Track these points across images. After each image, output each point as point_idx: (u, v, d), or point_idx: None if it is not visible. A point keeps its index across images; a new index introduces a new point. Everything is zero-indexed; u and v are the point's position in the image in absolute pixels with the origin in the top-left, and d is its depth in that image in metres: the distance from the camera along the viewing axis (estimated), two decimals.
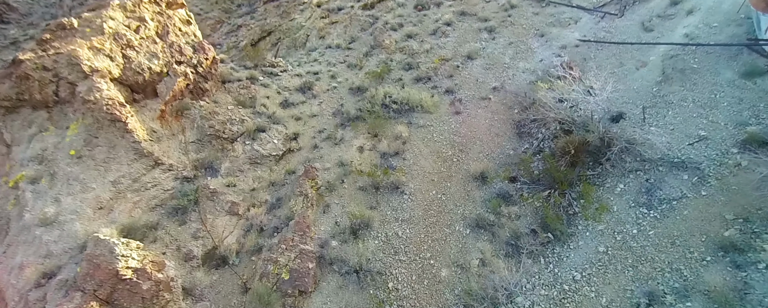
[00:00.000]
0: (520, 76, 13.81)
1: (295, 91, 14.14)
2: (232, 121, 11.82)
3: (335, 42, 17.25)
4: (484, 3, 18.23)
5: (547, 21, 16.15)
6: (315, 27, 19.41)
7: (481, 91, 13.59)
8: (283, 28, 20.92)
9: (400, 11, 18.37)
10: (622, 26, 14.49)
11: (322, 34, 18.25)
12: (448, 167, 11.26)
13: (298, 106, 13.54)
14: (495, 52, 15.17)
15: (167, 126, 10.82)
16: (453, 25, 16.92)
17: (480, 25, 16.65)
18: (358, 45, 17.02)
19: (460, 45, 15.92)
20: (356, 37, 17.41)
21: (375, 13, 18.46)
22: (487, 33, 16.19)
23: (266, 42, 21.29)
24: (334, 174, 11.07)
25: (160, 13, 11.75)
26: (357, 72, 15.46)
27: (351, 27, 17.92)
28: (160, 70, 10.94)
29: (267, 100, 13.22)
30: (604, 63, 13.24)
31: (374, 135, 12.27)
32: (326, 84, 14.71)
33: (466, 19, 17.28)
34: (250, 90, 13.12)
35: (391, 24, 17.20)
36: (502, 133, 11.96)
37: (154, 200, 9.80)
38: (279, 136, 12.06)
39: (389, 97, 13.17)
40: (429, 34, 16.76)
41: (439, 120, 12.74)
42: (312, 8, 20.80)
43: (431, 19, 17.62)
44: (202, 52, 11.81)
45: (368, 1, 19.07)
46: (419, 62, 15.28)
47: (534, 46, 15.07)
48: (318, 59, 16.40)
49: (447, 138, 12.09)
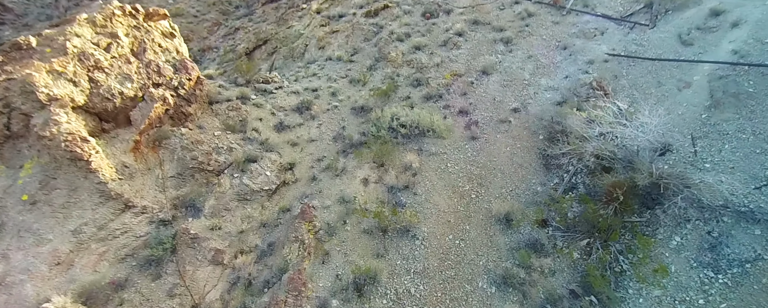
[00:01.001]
0: (543, 96, 12.33)
1: (292, 111, 12.68)
2: (218, 150, 10.37)
3: (336, 53, 15.78)
4: (498, 11, 16.74)
5: (570, 31, 14.66)
6: (314, 36, 17.94)
7: (499, 112, 12.12)
8: (279, 36, 19.46)
9: (406, 19, 16.90)
10: (656, 39, 13.01)
11: (322, 44, 16.79)
12: (466, 205, 9.79)
13: (294, 129, 12.08)
14: (513, 67, 13.69)
15: (142, 159, 9.37)
16: (465, 36, 15.44)
17: (495, 36, 15.17)
18: (361, 57, 15.55)
19: (473, 58, 14.45)
20: (359, 49, 15.94)
21: (379, 21, 16.99)
22: (503, 44, 14.71)
23: (262, 51, 19.84)
24: (334, 213, 9.62)
25: (136, 27, 10.30)
26: (360, 88, 13.99)
27: (353, 37, 16.46)
28: (135, 95, 9.49)
29: (259, 123, 11.76)
30: (638, 81, 11.76)
31: (380, 164, 10.81)
32: (326, 102, 13.25)
33: (479, 28, 15.80)
34: (241, 112, 11.66)
35: (397, 34, 15.73)
36: (527, 164, 10.49)
37: (123, 250, 8.36)
38: (272, 166, 10.60)
39: (397, 120, 11.70)
40: (439, 45, 15.28)
41: (454, 146, 11.28)
42: (311, 15, 19.34)
43: (441, 28, 16.14)
44: (184, 71, 10.36)
45: (372, 8, 17.60)
46: (429, 77, 13.81)
47: (556, 60, 13.60)
48: (317, 73, 14.94)
49: (463, 168, 10.62)
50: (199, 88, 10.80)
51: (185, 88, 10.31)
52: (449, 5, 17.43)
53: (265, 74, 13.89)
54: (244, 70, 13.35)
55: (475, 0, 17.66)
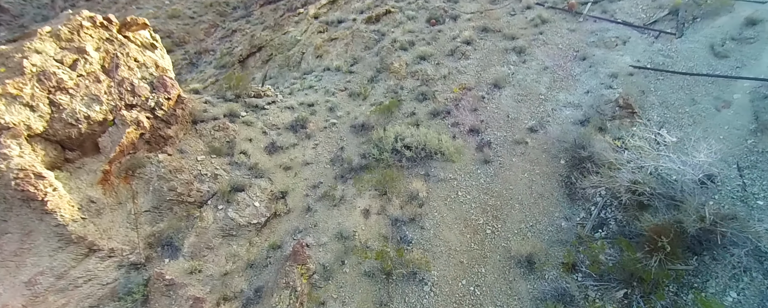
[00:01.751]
0: (563, 113, 11.18)
1: (285, 129, 11.53)
2: (201, 178, 9.23)
3: (334, 63, 14.63)
4: (509, 17, 15.58)
5: (588, 40, 13.50)
6: (311, 43, 16.80)
7: (514, 131, 10.97)
8: (274, 42, 18.32)
9: (410, 26, 15.75)
10: (685, 50, 11.84)
11: (320, 52, 15.65)
12: (481, 242, 8.65)
13: (287, 150, 10.94)
14: (527, 79, 12.53)
15: (112, 192, 8.24)
16: (474, 44, 14.28)
17: (506, 44, 14.01)
18: (361, 68, 14.40)
19: (483, 69, 13.30)
20: (359, 58, 14.79)
21: (381, 28, 15.84)
22: (516, 54, 13.55)
23: (256, 59, 18.69)
24: (331, 252, 8.48)
25: (109, 39, 9.15)
26: (360, 103, 12.84)
27: (353, 45, 15.31)
28: (104, 118, 8.35)
29: (249, 145, 10.61)
30: (669, 98, 10.60)
31: (383, 192, 9.67)
32: (323, 119, 12.10)
33: (489, 36, 14.64)
34: (228, 132, 10.52)
35: (401, 42, 14.58)
36: (548, 194, 9.34)
37: (86, 301, 7.23)
38: (262, 195, 9.46)
39: (401, 140, 10.55)
40: (445, 54, 14.13)
41: (465, 171, 10.14)
42: (308, 20, 18.19)
43: (447, 35, 14.98)
44: (162, 89, 9.22)
45: (373, 13, 16.45)
46: (435, 91, 12.65)
47: (575, 72, 12.44)
48: (314, 85, 13.79)
49: (476, 198, 9.48)
50: (180, 107, 9.66)
51: (163, 109, 9.16)
52: (456, 10, 16.28)
53: (257, 87, 12.75)
54: (234, 83, 12.23)
55: (484, 5, 16.51)
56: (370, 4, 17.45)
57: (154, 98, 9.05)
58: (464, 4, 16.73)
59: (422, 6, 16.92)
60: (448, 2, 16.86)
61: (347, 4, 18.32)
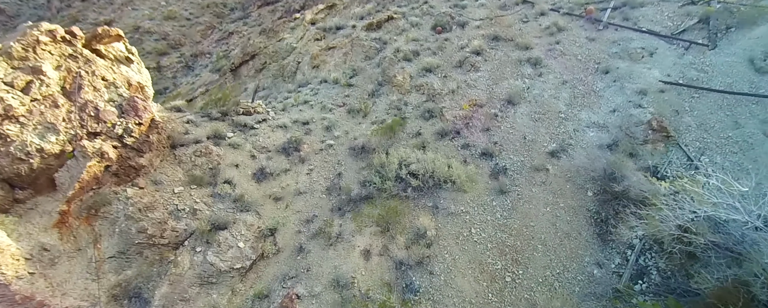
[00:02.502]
0: (586, 135, 10.00)
1: (277, 152, 10.35)
2: (177, 215, 8.05)
3: (332, 75, 13.45)
4: (521, 24, 14.39)
5: (610, 51, 12.31)
6: (307, 51, 15.62)
7: (532, 155, 9.79)
8: (269, 50, 17.13)
9: (414, 33, 14.56)
10: (721, 64, 10.66)
11: (316, 62, 14.47)
12: (500, 292, 7.47)
13: (278, 177, 9.76)
14: (544, 95, 11.35)
15: (70, 236, 7.06)
16: (484, 55, 13.10)
17: (520, 55, 12.82)
18: (361, 80, 13.21)
19: (495, 83, 12.11)
20: (359, 69, 13.60)
21: (382, 36, 14.65)
22: (531, 66, 12.36)
23: (249, 67, 17.51)
24: (326, 304, 7.31)
25: (73, 56, 7.98)
26: (360, 121, 11.66)
27: (352, 54, 14.13)
28: (61, 150, 7.17)
29: (235, 172, 9.44)
30: (708, 120, 9.42)
31: (386, 228, 8.51)
32: (319, 140, 10.92)
33: (501, 45, 13.45)
34: (211, 157, 9.35)
35: (404, 52, 13.39)
36: (575, 233, 8.15)
37: None
38: (248, 233, 8.29)
39: (406, 166, 9.38)
40: (453, 66, 12.94)
41: (478, 203, 8.96)
42: (304, 26, 17.00)
43: (455, 45, 13.79)
44: (132, 113, 8.03)
45: (374, 19, 15.26)
46: (443, 108, 11.47)
47: (598, 87, 11.25)
48: (309, 100, 12.60)
49: (492, 236, 8.30)
50: (154, 131, 8.47)
51: (133, 136, 7.98)
52: (463, 17, 15.09)
53: (247, 103, 11.57)
54: (221, 99, 11.06)
55: (493, 11, 15.32)
56: (370, 10, 16.27)
57: (123, 124, 7.86)
58: (472, 9, 15.55)
59: (427, 12, 15.74)
60: (455, 8, 15.67)
61: (346, 9, 17.15)
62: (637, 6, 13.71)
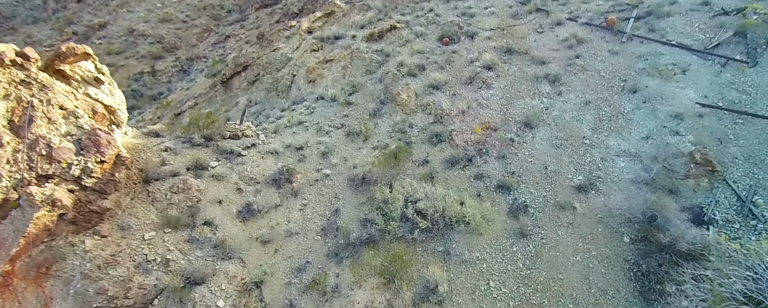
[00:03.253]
0: (616, 166, 8.83)
1: (266, 183, 9.18)
2: (146, 267, 6.88)
3: (330, 92, 12.27)
4: (536, 35, 13.21)
5: (637, 66, 11.14)
6: (303, 64, 14.45)
7: (556, 189, 8.62)
8: (262, 61, 15.95)
9: (419, 45, 13.38)
10: (765, 84, 9.50)
11: (313, 76, 13.29)
12: None
13: (267, 214, 8.59)
14: (565, 117, 10.19)
15: (15, 301, 5.90)
16: (496, 69, 11.92)
17: (536, 70, 11.65)
18: (361, 98, 12.04)
19: (510, 102, 10.94)
20: (359, 85, 12.42)
21: (385, 48, 13.48)
22: (549, 83, 11.19)
23: (241, 79, 16.33)
24: None
25: (25, 82, 6.81)
26: (361, 145, 10.49)
27: (352, 68, 12.95)
28: (4, 199, 5.99)
29: (217, 210, 8.27)
30: (756, 152, 8.25)
31: (390, 280, 7.34)
32: (314, 168, 9.76)
33: (514, 59, 12.28)
34: (190, 193, 8.18)
35: (408, 66, 12.22)
36: (612, 289, 6.98)
37: None
38: (229, 288, 7.12)
39: (412, 204, 8.21)
40: (463, 82, 11.77)
41: (496, 248, 7.79)
42: (300, 35, 15.83)
43: (464, 58, 12.62)
44: (93, 149, 6.86)
45: (375, 29, 14.09)
46: (452, 131, 10.30)
47: (626, 109, 10.08)
48: (304, 121, 11.43)
49: (514, 291, 7.13)
50: (122, 168, 7.30)
51: (95, 176, 6.81)
52: (472, 26, 13.92)
53: (234, 126, 10.39)
54: (204, 122, 9.88)
55: (505, 19, 14.15)
56: (371, 18, 15.10)
57: (81, 163, 6.69)
58: (481, 18, 14.38)
59: (433, 20, 14.57)
60: (463, 16, 14.51)
61: (346, 17, 15.98)
62: (662, 16, 12.55)
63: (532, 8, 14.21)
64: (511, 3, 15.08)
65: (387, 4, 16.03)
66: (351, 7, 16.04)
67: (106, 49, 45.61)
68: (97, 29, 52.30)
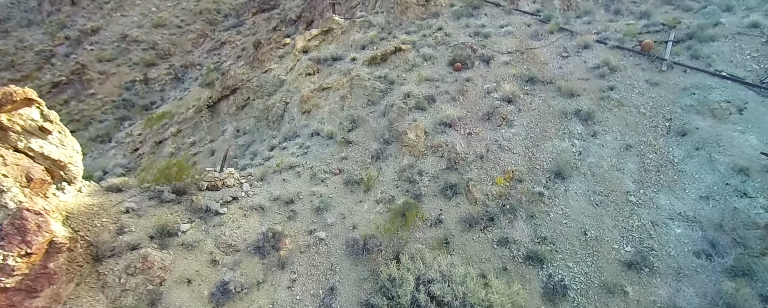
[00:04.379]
0: (672, 233, 7.28)
1: (248, 252, 7.63)
2: None
3: (326, 128, 10.71)
4: (560, 59, 11.65)
5: (682, 102, 9.58)
6: (297, 89, 12.88)
7: (600, 264, 7.07)
8: (253, 84, 14.39)
9: (427, 70, 11.83)
10: None
11: (308, 106, 11.73)
12: None
13: (247, 296, 7.03)
14: (603, 165, 8.64)
15: None
16: (517, 102, 10.37)
17: (564, 104, 10.09)
18: (362, 135, 10.47)
19: (535, 144, 9.39)
20: (360, 120, 10.86)
21: (389, 74, 11.92)
22: (580, 121, 9.63)
23: (229, 103, 14.76)
24: None
25: None
26: (361, 197, 8.94)
27: (351, 98, 11.39)
28: None
29: (185, 293, 6.71)
30: None
31: None
32: (306, 228, 8.20)
33: (538, 89, 10.72)
34: (151, 273, 6.64)
35: (416, 97, 10.67)
36: None
37: None
38: None
39: (424, 286, 6.66)
40: (480, 118, 10.21)
41: None
42: (295, 55, 14.27)
43: (479, 87, 11.06)
44: (17, 238, 5.29)
45: (378, 51, 12.54)
46: (469, 180, 8.75)
47: (675, 157, 8.53)
48: (296, 164, 9.87)
49: None
50: (58, 257, 5.74)
51: (18, 274, 5.24)
52: (487, 48, 12.36)
53: (213, 174, 8.84)
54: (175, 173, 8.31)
55: (523, 40, 12.59)
56: (373, 37, 13.53)
57: None
58: (497, 39, 12.81)
59: (441, 41, 13.00)
60: (476, 36, 12.95)
61: (345, 35, 14.42)
62: (706, 40, 10.99)
63: (553, 27, 12.65)
64: (530, 21, 13.53)
65: (390, 20, 14.48)
66: (351, 23, 14.48)
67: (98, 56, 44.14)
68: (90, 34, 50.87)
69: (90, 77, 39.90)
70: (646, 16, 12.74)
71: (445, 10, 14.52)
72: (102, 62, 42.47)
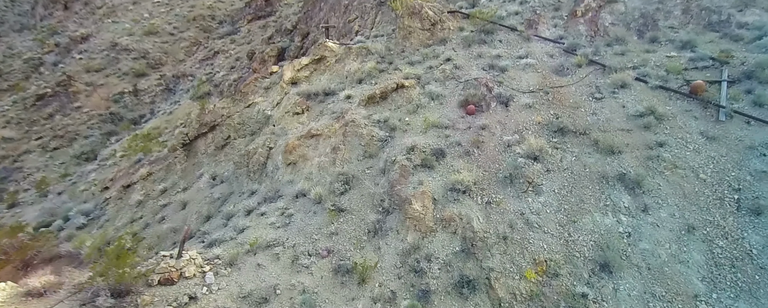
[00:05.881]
0: None
1: None
2: None
3: (314, 190, 8.88)
4: (593, 101, 9.80)
5: (750, 165, 7.73)
6: (284, 130, 11.06)
7: None
8: (234, 121, 12.56)
9: (434, 113, 10.00)
10: None
11: (294, 157, 9.91)
12: None
13: None
14: (660, 254, 6.81)
15: None
16: (545, 160, 8.53)
17: (603, 165, 8.25)
18: (357, 200, 8.64)
19: (571, 219, 7.56)
20: (355, 179, 9.04)
21: (389, 117, 10.09)
22: (626, 189, 7.79)
23: (207, 141, 12.94)
24: None
25: None
26: (354, 293, 7.10)
27: (345, 149, 9.57)
28: None
29: None
30: None
31: None
32: None
33: (569, 143, 8.88)
34: None
35: (421, 151, 8.85)
36: None
37: None
38: None
39: None
40: (500, 181, 8.36)
41: None
42: (282, 87, 12.44)
43: (498, 138, 9.22)
44: None
45: (376, 88, 10.71)
46: (491, 270, 6.94)
47: (753, 246, 6.69)
48: (275, 241, 8.04)
49: None
50: None
51: None
52: (504, 86, 10.52)
53: (168, 261, 7.03)
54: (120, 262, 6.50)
55: (546, 75, 10.75)
56: (371, 69, 11.69)
57: None
58: (515, 73, 10.97)
59: (451, 75, 11.16)
60: (491, 70, 11.10)
61: (339, 64, 12.58)
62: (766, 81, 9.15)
63: (581, 61, 10.81)
64: (552, 50, 11.68)
65: (391, 47, 12.64)
66: (346, 51, 12.65)
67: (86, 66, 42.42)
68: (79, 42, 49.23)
69: (76, 89, 38.09)
70: (690, 47, 10.88)
71: (454, 36, 12.68)
72: (90, 72, 40.71)
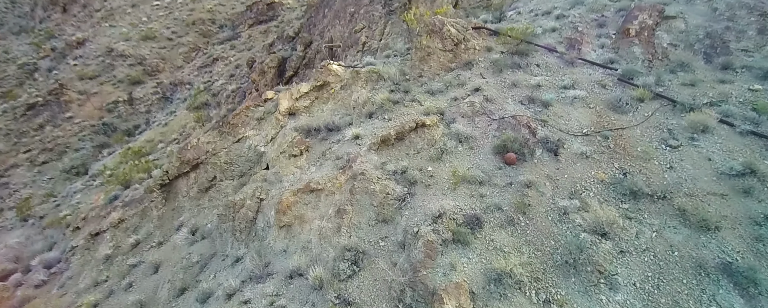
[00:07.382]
0: None
1: None
2: None
3: (314, 270, 6.86)
4: (668, 150, 7.71)
5: None
6: (278, 176, 9.10)
7: None
8: (220, 159, 10.60)
9: (464, 162, 7.98)
10: None
11: (288, 219, 7.93)
12: None
13: None
14: None
15: None
16: (616, 237, 6.46)
17: (694, 246, 6.18)
18: (368, 287, 6.63)
19: None
20: (365, 256, 7.02)
21: (408, 167, 8.08)
22: (734, 285, 5.73)
23: (189, 182, 10.98)
24: None
25: None
26: None
27: (352, 211, 7.57)
28: None
29: None
30: None
31: None
32: None
33: (644, 211, 6.80)
34: None
35: (451, 219, 6.83)
36: None
37: None
38: None
39: None
40: (557, 266, 6.31)
41: None
42: (278, 119, 10.45)
43: (549, 201, 7.17)
44: None
45: (390, 129, 8.69)
46: None
47: None
48: None
49: None
50: None
51: None
52: (550, 125, 8.46)
53: None
54: None
55: (601, 112, 8.68)
56: (383, 100, 9.65)
57: None
58: (562, 108, 8.90)
59: (481, 110, 9.11)
60: (531, 105, 9.05)
61: (345, 91, 10.58)
62: None
63: (644, 94, 8.71)
64: (603, 79, 9.60)
65: (407, 71, 10.61)
66: (353, 76, 10.64)
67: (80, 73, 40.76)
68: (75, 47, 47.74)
69: (69, 98, 36.37)
70: None
71: (481, 58, 10.63)
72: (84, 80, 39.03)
